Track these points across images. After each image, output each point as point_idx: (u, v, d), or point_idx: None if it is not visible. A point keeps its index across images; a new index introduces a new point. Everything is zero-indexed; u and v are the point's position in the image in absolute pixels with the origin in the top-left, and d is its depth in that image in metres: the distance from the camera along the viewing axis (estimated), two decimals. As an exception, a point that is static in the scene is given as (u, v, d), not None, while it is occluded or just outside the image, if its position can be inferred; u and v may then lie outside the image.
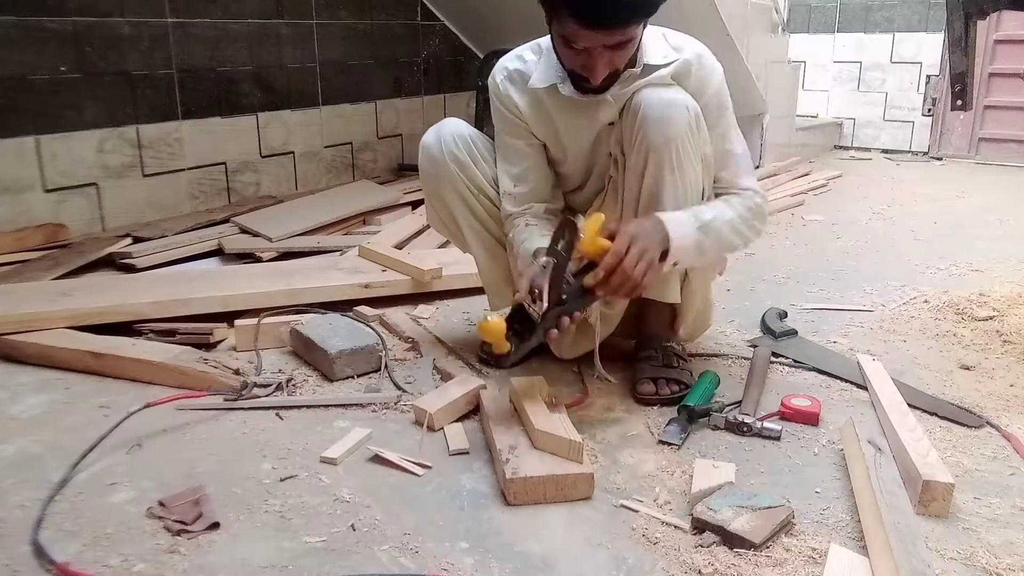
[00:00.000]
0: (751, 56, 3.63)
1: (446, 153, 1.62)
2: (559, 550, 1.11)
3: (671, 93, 1.46)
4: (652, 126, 1.44)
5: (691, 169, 1.48)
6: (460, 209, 1.67)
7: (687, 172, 1.47)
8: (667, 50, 1.50)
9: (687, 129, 1.45)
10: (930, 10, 4.49)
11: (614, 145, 1.54)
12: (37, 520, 1.15)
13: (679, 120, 1.44)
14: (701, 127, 1.48)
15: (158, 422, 1.43)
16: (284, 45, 3.20)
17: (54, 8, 2.48)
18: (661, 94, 1.46)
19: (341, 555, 1.09)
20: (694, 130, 1.46)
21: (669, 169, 1.45)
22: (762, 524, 1.11)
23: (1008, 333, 1.89)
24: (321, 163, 3.42)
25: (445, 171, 1.63)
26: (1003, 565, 1.07)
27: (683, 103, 1.45)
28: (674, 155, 1.45)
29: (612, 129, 1.54)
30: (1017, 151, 4.39)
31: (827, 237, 2.86)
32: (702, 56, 1.52)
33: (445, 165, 1.62)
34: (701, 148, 1.49)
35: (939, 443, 1.39)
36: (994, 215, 3.21)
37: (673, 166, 1.45)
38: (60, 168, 2.55)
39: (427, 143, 1.65)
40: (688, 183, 1.48)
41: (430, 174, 1.66)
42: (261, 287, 1.97)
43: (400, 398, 1.55)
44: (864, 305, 2.13)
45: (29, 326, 1.75)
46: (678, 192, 1.47)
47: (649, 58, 1.48)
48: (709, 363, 1.75)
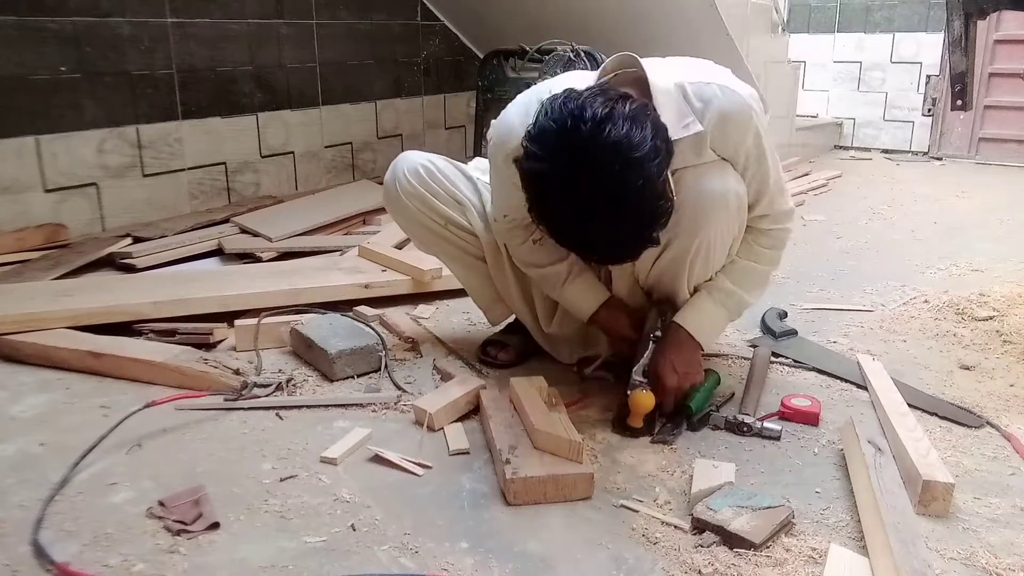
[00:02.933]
0: (751, 56, 3.63)
1: (402, 192, 1.60)
2: (559, 550, 1.11)
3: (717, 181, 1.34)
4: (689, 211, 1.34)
5: (719, 254, 1.44)
6: (433, 240, 1.65)
7: (713, 258, 1.43)
8: (687, 115, 1.31)
9: (726, 219, 1.38)
10: (930, 10, 4.48)
11: None
12: (37, 520, 1.15)
13: (719, 210, 1.35)
14: (742, 210, 1.40)
15: (158, 422, 1.43)
16: (284, 45, 3.20)
17: (54, 8, 2.48)
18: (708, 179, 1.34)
19: (341, 555, 1.09)
20: (733, 218, 1.39)
21: (696, 258, 1.41)
22: (762, 524, 1.11)
23: (1008, 333, 1.88)
24: (321, 163, 3.42)
25: (405, 208, 1.61)
26: (1003, 565, 1.07)
27: (723, 195, 1.34)
28: (708, 244, 1.40)
29: None
30: (1017, 151, 4.39)
31: (827, 237, 2.86)
32: (728, 116, 1.32)
33: (403, 203, 1.61)
34: (739, 224, 1.42)
35: (939, 443, 1.39)
36: (994, 215, 3.21)
37: (700, 257, 1.41)
38: (60, 168, 2.54)
39: (385, 183, 1.63)
40: (710, 268, 1.46)
41: (394, 212, 1.65)
42: (261, 287, 1.97)
43: (400, 398, 1.55)
44: (864, 305, 2.13)
45: (29, 326, 1.75)
46: (699, 274, 1.46)
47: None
48: (709, 363, 1.74)
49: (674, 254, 1.42)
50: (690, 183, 1.34)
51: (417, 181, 1.60)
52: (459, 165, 1.67)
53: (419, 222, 1.62)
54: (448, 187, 1.62)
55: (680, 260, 1.42)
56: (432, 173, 1.61)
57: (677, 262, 1.43)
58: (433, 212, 1.61)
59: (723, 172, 1.36)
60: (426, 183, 1.60)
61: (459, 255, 1.68)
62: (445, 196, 1.61)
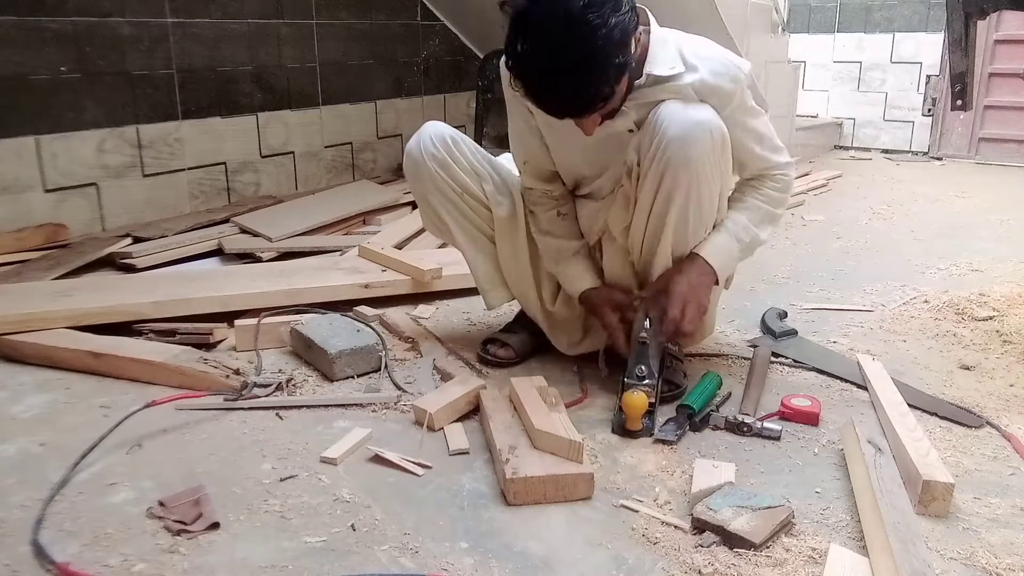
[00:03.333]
0: (751, 56, 3.62)
1: (425, 155, 1.63)
2: (559, 550, 1.11)
3: (697, 112, 1.41)
4: (674, 144, 1.40)
5: (708, 192, 1.46)
6: (446, 208, 1.67)
7: (703, 195, 1.46)
8: (675, 60, 1.43)
9: (710, 152, 1.41)
10: (930, 10, 4.49)
11: (631, 153, 1.48)
12: (37, 520, 1.15)
13: (702, 141, 1.40)
14: (726, 151, 1.45)
15: (158, 422, 1.43)
16: (284, 45, 3.20)
17: (54, 8, 2.48)
18: (687, 111, 1.40)
19: (341, 555, 1.09)
20: (717, 153, 1.43)
21: (686, 191, 1.43)
22: (762, 524, 1.11)
23: (1008, 333, 1.88)
24: (321, 163, 3.42)
25: (426, 172, 1.63)
26: (1003, 565, 1.07)
27: (707, 125, 1.40)
28: (693, 178, 1.42)
29: (631, 137, 1.48)
30: (1017, 151, 4.39)
31: (827, 237, 2.86)
32: (719, 75, 1.44)
33: (425, 166, 1.63)
34: (723, 171, 1.47)
35: (939, 443, 1.39)
36: (994, 215, 3.21)
37: (690, 188, 1.43)
38: (60, 168, 2.55)
39: (409, 148, 1.66)
40: (704, 205, 1.47)
41: (413, 176, 1.67)
42: (261, 287, 1.97)
43: (400, 398, 1.55)
44: (864, 305, 2.13)
45: (29, 326, 1.75)
46: (692, 214, 1.47)
47: (654, 68, 1.42)
48: (709, 363, 1.75)
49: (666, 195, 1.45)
50: (675, 111, 1.41)
51: (442, 146, 1.63)
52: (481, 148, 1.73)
53: (437, 187, 1.65)
54: (469, 157, 1.67)
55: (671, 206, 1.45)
56: (457, 143, 1.66)
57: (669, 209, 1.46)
58: (452, 179, 1.64)
59: (705, 107, 1.43)
60: (450, 149, 1.64)
61: (468, 227, 1.70)
62: (465, 165, 1.66)
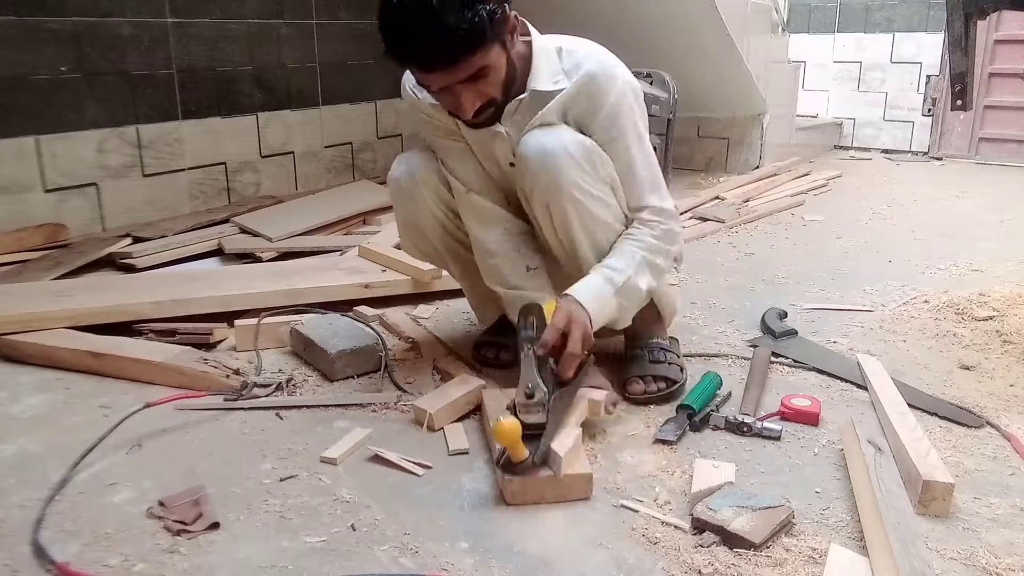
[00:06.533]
0: (751, 56, 3.62)
1: (419, 182, 1.61)
2: (559, 550, 1.11)
3: (549, 137, 1.41)
4: (541, 177, 1.42)
5: (597, 199, 1.45)
6: (437, 234, 1.66)
7: (593, 206, 1.45)
8: (558, 73, 1.44)
9: (576, 169, 1.41)
10: (930, 10, 4.48)
11: (518, 187, 1.51)
12: (37, 520, 1.15)
13: (564, 165, 1.40)
14: (592, 158, 1.44)
15: (158, 422, 1.43)
16: (284, 45, 3.20)
17: (54, 8, 2.48)
18: (542, 139, 1.41)
19: (341, 555, 1.09)
20: (584, 166, 1.42)
21: (575, 210, 1.44)
22: (762, 524, 1.11)
23: (1008, 333, 1.88)
24: (321, 163, 3.42)
25: (420, 198, 1.62)
26: (1003, 565, 1.07)
27: (561, 145, 1.40)
28: (573, 198, 1.43)
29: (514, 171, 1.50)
30: (1017, 151, 4.39)
31: (827, 237, 2.86)
32: (595, 75, 1.43)
33: (420, 193, 1.61)
34: (602, 175, 1.46)
35: (939, 443, 1.39)
36: (994, 215, 3.21)
37: (577, 206, 1.43)
38: (60, 168, 2.55)
39: (397, 175, 1.63)
40: (598, 212, 1.46)
41: (406, 203, 1.64)
42: (261, 287, 1.97)
43: (400, 398, 1.55)
44: (864, 305, 2.13)
45: (29, 326, 1.75)
46: (592, 223, 1.46)
47: (537, 83, 1.43)
48: (709, 363, 1.75)
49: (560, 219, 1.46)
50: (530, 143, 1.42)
51: (435, 171, 1.62)
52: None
53: (430, 212, 1.63)
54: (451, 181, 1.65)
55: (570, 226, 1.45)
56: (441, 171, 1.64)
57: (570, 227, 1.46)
58: (446, 204, 1.63)
59: (558, 129, 1.43)
60: (442, 175, 1.62)
61: (458, 250, 1.69)
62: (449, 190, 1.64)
